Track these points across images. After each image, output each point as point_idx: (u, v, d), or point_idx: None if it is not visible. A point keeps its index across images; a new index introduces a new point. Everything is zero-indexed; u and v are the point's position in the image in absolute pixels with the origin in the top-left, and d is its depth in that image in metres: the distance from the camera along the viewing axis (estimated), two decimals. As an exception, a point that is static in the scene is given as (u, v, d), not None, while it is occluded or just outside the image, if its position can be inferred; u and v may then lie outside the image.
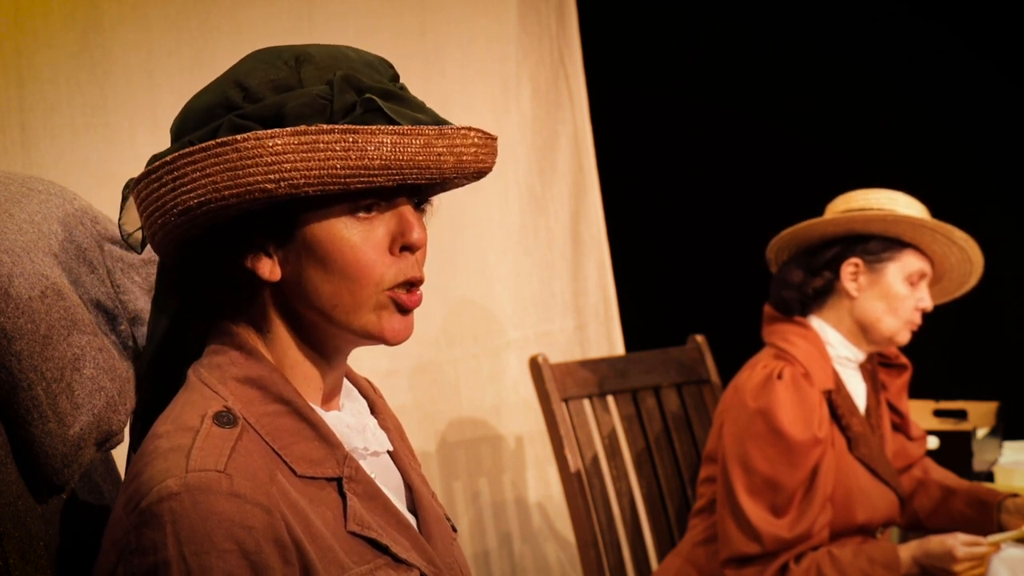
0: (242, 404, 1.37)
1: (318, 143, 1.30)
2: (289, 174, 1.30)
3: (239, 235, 1.36)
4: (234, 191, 1.31)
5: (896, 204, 2.76)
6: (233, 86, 1.38)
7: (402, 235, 1.39)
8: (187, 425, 1.33)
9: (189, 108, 1.41)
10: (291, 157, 1.30)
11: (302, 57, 1.38)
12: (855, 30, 4.12)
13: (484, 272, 3.49)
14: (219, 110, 1.37)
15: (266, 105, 1.34)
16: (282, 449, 1.36)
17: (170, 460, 1.30)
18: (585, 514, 2.92)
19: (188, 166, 1.32)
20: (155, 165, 1.35)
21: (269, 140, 1.30)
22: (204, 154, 1.31)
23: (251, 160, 1.30)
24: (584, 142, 3.76)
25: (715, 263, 4.22)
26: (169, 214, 1.34)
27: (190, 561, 1.26)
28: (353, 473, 1.40)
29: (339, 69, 1.36)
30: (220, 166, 1.31)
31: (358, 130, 1.31)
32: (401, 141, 1.32)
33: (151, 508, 1.28)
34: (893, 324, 2.74)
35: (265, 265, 1.38)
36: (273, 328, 1.41)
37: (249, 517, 1.28)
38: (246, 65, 1.40)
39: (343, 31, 3.15)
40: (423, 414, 3.35)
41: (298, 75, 1.37)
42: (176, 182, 1.33)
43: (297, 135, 1.30)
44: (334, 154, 1.31)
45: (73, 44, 2.71)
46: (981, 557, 2.57)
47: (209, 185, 1.31)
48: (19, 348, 1.38)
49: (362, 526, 1.38)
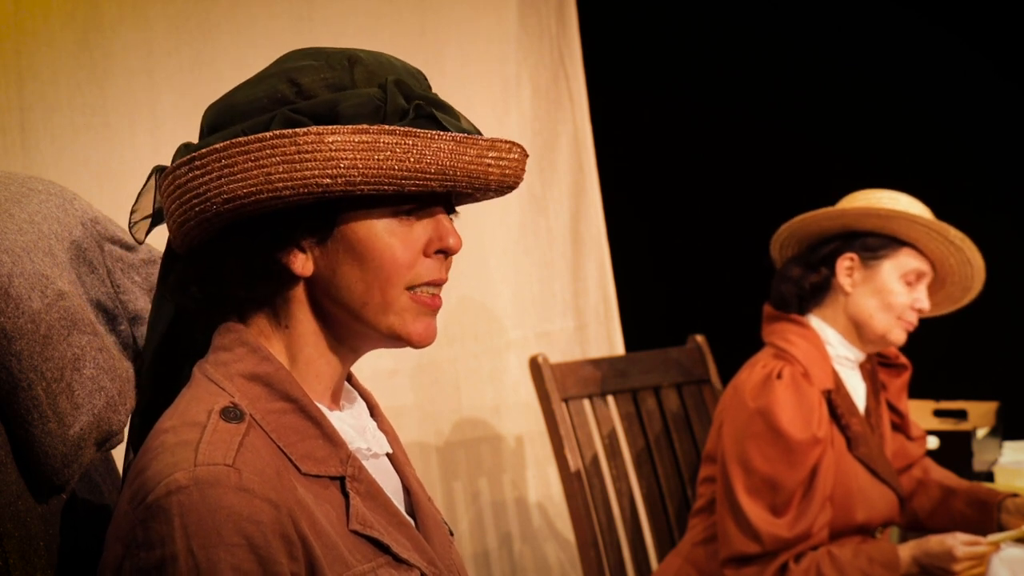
0: (248, 401, 1.37)
1: (378, 143, 1.32)
2: (347, 171, 1.32)
3: (278, 229, 1.37)
4: (289, 184, 1.32)
5: (898, 204, 2.76)
6: (284, 81, 1.38)
7: (439, 240, 1.42)
8: (194, 420, 1.33)
9: (231, 101, 1.40)
10: (349, 155, 1.32)
11: (353, 59, 1.39)
12: (856, 29, 4.12)
13: (484, 272, 3.49)
14: (269, 103, 1.37)
15: (320, 102, 1.36)
16: (287, 447, 1.36)
17: (177, 455, 1.30)
18: (585, 514, 2.92)
19: (241, 155, 1.32)
20: (202, 151, 1.34)
21: (329, 136, 1.31)
22: (260, 144, 1.32)
23: (309, 154, 1.31)
24: (584, 142, 3.76)
25: (715, 263, 4.22)
26: (211, 202, 1.34)
27: (198, 555, 1.26)
28: (356, 472, 1.40)
29: (388, 74, 1.39)
30: (276, 158, 1.31)
31: (419, 134, 1.34)
32: (457, 149, 1.35)
33: (159, 502, 1.27)
34: (885, 321, 2.74)
35: (298, 260, 1.39)
36: (293, 324, 1.42)
37: (258, 512, 1.28)
38: (295, 63, 1.40)
39: (343, 31, 3.15)
40: (423, 414, 3.35)
41: (351, 76, 1.38)
42: (224, 171, 1.33)
43: (358, 133, 1.32)
44: (393, 155, 1.33)
45: (73, 44, 2.71)
46: (981, 556, 2.57)
47: (262, 176, 1.32)
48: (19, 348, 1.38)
49: (364, 525, 1.39)
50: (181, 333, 1.46)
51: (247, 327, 1.42)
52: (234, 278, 1.39)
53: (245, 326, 1.42)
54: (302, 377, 1.42)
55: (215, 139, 1.36)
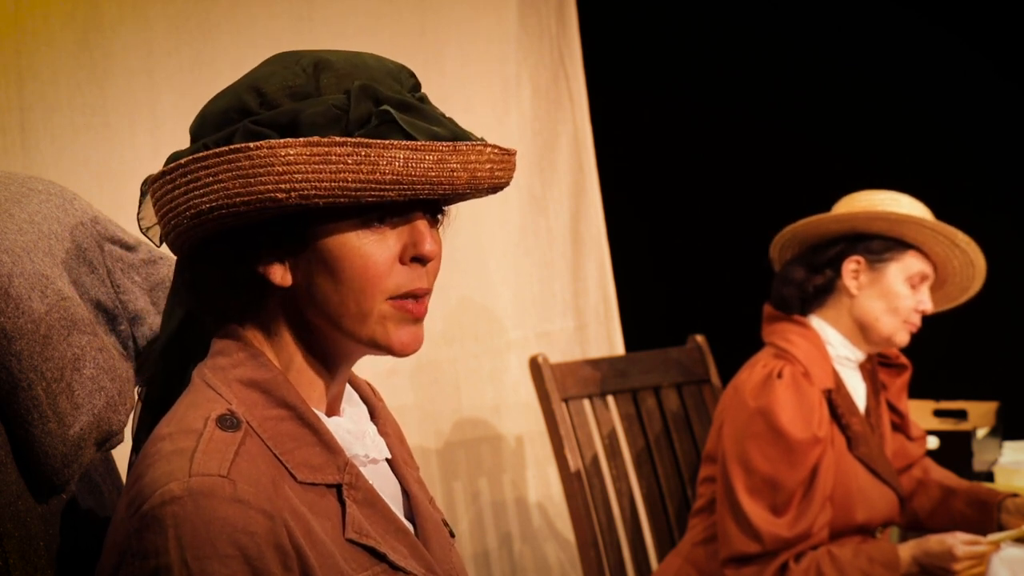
0: (245, 407, 1.36)
1: (330, 155, 1.30)
2: (300, 184, 1.30)
3: (251, 240, 1.36)
4: (245, 198, 1.31)
5: (900, 205, 2.76)
6: (250, 91, 1.37)
7: (414, 246, 1.39)
8: (190, 428, 1.33)
9: (207, 111, 1.40)
10: (303, 168, 1.30)
11: (321, 64, 1.37)
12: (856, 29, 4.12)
13: (484, 272, 3.49)
14: (235, 115, 1.36)
15: (282, 112, 1.34)
16: (283, 454, 1.36)
17: (173, 463, 1.29)
18: (585, 514, 2.92)
19: (201, 170, 1.32)
20: (170, 167, 1.35)
21: (281, 149, 1.30)
22: (217, 159, 1.31)
23: (263, 168, 1.30)
24: (584, 142, 3.76)
25: (715, 263, 4.22)
26: (182, 216, 1.34)
27: (192, 566, 1.25)
28: (353, 480, 1.40)
29: (358, 78, 1.36)
30: (232, 173, 1.31)
31: (371, 144, 1.31)
32: (414, 156, 1.32)
33: (153, 512, 1.27)
34: (891, 324, 2.74)
35: (276, 271, 1.38)
36: (281, 333, 1.41)
37: (252, 523, 1.28)
38: (265, 69, 1.39)
39: (343, 31, 3.15)
40: (423, 414, 3.35)
41: (316, 82, 1.36)
42: (189, 185, 1.33)
43: (310, 146, 1.30)
44: (346, 167, 1.30)
45: (73, 44, 2.71)
46: (981, 556, 2.57)
47: (221, 191, 1.31)
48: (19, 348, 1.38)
49: (360, 534, 1.38)
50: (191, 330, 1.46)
51: (245, 333, 1.42)
52: (217, 288, 1.39)
53: (244, 332, 1.42)
54: (297, 384, 1.41)
55: (186, 152, 1.37)
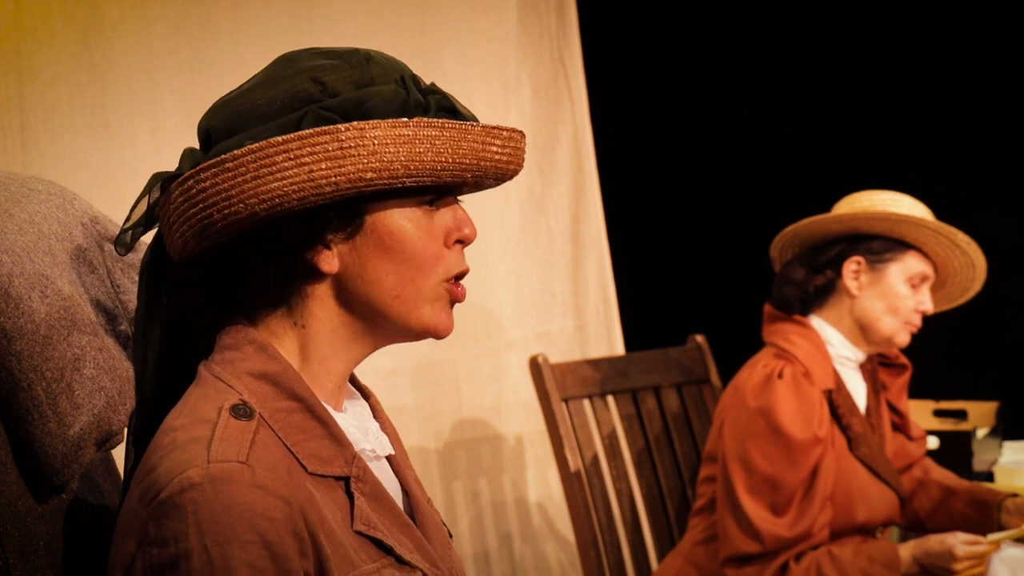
0: (256, 399, 1.37)
1: (418, 136, 1.34)
2: (390, 165, 1.34)
3: (308, 227, 1.37)
4: (332, 180, 1.33)
5: (900, 206, 2.76)
6: (308, 80, 1.38)
7: (458, 229, 1.43)
8: (204, 417, 1.33)
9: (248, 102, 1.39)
10: (392, 148, 1.33)
11: (368, 57, 1.41)
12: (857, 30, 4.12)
13: (484, 272, 3.49)
14: (294, 103, 1.37)
15: (347, 99, 1.37)
16: (294, 445, 1.36)
17: (189, 451, 1.30)
18: (585, 514, 2.92)
19: (280, 154, 1.32)
20: (235, 153, 1.33)
21: (371, 131, 1.33)
22: (300, 142, 1.32)
23: (352, 149, 1.33)
24: (584, 142, 3.76)
25: (715, 263, 4.22)
26: (244, 204, 1.33)
27: (212, 551, 1.25)
28: (361, 473, 1.41)
29: (398, 70, 1.41)
30: (318, 155, 1.32)
31: (455, 126, 1.37)
32: (487, 139, 1.39)
33: (172, 499, 1.27)
34: (892, 324, 2.75)
35: (325, 257, 1.39)
36: (311, 322, 1.41)
37: (271, 508, 1.28)
38: (311, 62, 1.40)
39: (343, 31, 3.15)
40: (423, 414, 3.35)
41: (370, 73, 1.40)
42: (263, 170, 1.32)
43: (398, 127, 1.34)
44: (432, 147, 1.35)
45: (73, 44, 2.71)
46: (981, 556, 2.57)
47: (303, 174, 1.32)
48: (19, 348, 1.38)
49: (368, 526, 1.39)
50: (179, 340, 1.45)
51: (255, 327, 1.41)
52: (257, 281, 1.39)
53: (253, 326, 1.41)
54: (312, 376, 1.42)
55: (236, 142, 1.35)
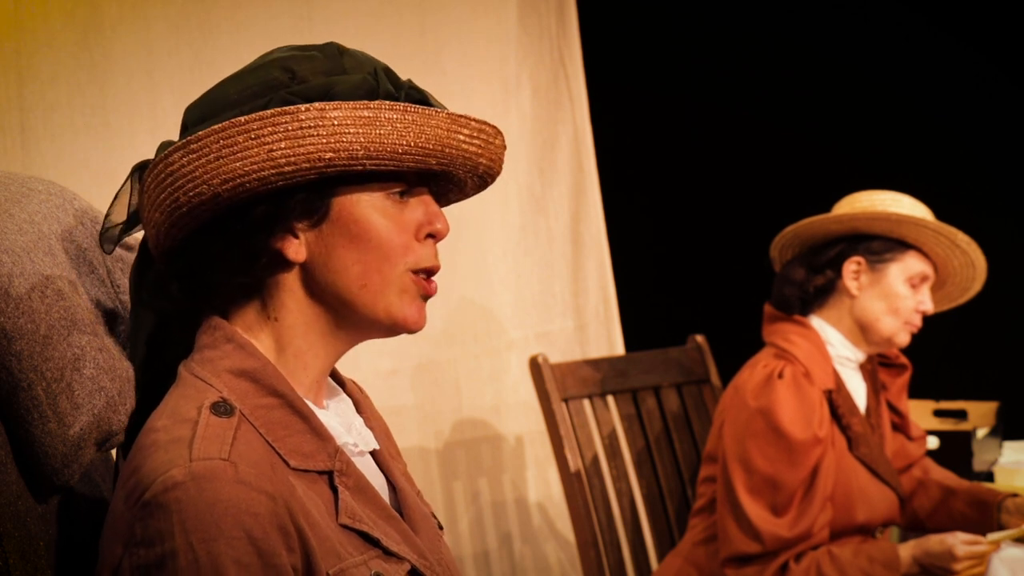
0: (236, 396, 1.37)
1: (379, 118, 1.33)
2: (350, 145, 1.33)
3: (273, 212, 1.36)
4: (291, 159, 1.32)
5: (901, 206, 2.76)
6: (278, 69, 1.39)
7: (429, 223, 1.43)
8: (185, 417, 1.33)
9: (218, 93, 1.40)
10: (352, 129, 1.32)
11: (342, 49, 1.41)
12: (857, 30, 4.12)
13: (484, 272, 3.49)
14: (264, 89, 1.37)
15: (315, 85, 1.37)
16: (275, 441, 1.36)
17: (171, 451, 1.30)
18: (585, 514, 2.92)
19: (241, 134, 1.32)
20: (198, 134, 1.33)
21: (331, 111, 1.32)
22: (261, 122, 1.32)
23: (311, 129, 1.32)
24: (584, 142, 3.76)
25: (715, 263, 4.22)
26: (208, 184, 1.33)
27: (198, 549, 1.25)
28: (344, 467, 1.41)
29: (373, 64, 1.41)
30: (278, 134, 1.32)
31: (419, 110, 1.35)
32: (454, 126, 1.37)
33: (156, 499, 1.27)
34: (892, 324, 2.75)
35: (292, 245, 1.38)
36: (283, 314, 1.41)
37: (255, 504, 1.28)
38: (283, 53, 1.41)
39: (343, 31, 3.15)
40: (423, 414, 3.35)
41: (342, 64, 1.40)
42: (224, 150, 1.32)
43: (360, 108, 1.33)
44: (394, 130, 1.34)
45: (73, 44, 2.71)
46: (981, 556, 2.57)
47: (263, 153, 1.32)
48: (19, 348, 1.39)
49: (353, 519, 1.39)
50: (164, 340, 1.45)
51: (231, 323, 1.41)
52: (224, 267, 1.38)
53: (228, 322, 1.41)
54: (289, 370, 1.42)
55: (204, 126, 1.36)
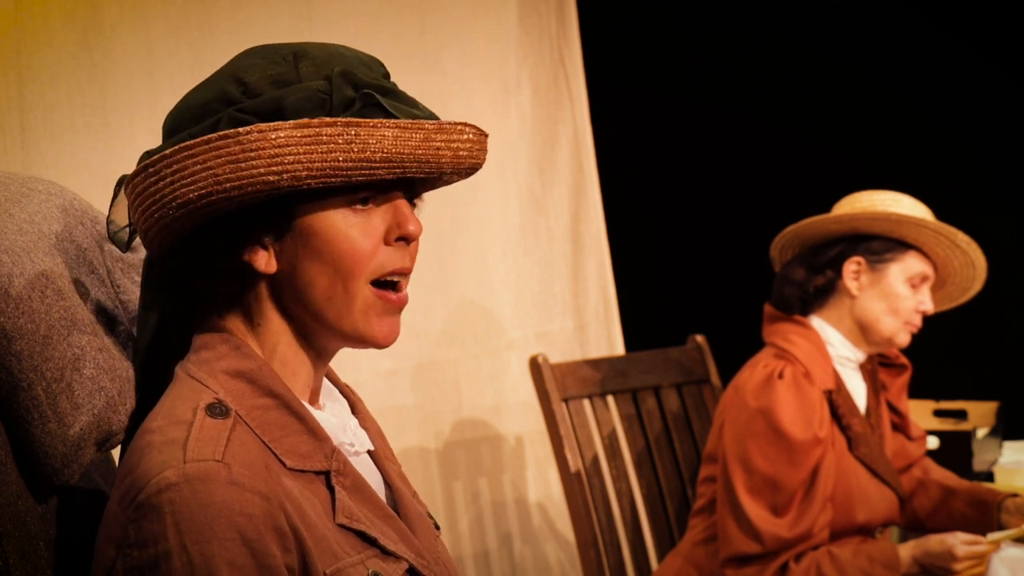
0: (232, 397, 1.37)
1: (321, 136, 1.32)
2: (292, 166, 1.31)
3: (237, 228, 1.36)
4: (236, 183, 1.31)
5: (901, 206, 2.76)
6: (231, 81, 1.38)
7: (398, 227, 1.41)
8: (180, 418, 1.34)
9: (184, 104, 1.41)
10: (294, 149, 1.31)
11: (299, 53, 1.39)
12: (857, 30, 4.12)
13: (484, 272, 3.49)
14: (217, 105, 1.37)
15: (265, 100, 1.36)
16: (272, 442, 1.36)
17: (166, 453, 1.30)
18: (585, 514, 2.92)
19: (188, 159, 1.32)
20: (153, 159, 1.35)
21: (272, 132, 1.31)
22: (205, 147, 1.32)
23: (254, 152, 1.31)
24: (584, 142, 3.76)
25: (715, 263, 4.22)
26: (167, 207, 1.34)
27: (192, 550, 1.25)
28: (341, 467, 1.41)
29: (335, 66, 1.38)
30: (222, 158, 1.31)
31: (360, 123, 1.33)
32: (402, 135, 1.34)
33: (149, 500, 1.27)
34: (892, 325, 2.75)
35: (261, 258, 1.39)
36: (264, 322, 1.42)
37: (249, 505, 1.28)
38: (243, 61, 1.41)
39: (343, 31, 3.15)
40: (423, 414, 3.34)
41: (296, 71, 1.38)
42: (176, 175, 1.33)
43: (300, 128, 1.31)
44: (336, 147, 1.32)
45: (73, 44, 2.71)
46: (981, 556, 2.57)
47: (210, 178, 1.31)
48: (19, 348, 1.39)
49: (350, 519, 1.39)
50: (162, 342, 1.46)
51: (227, 325, 1.42)
52: (201, 280, 1.39)
53: (225, 324, 1.42)
54: (281, 374, 1.42)
55: (167, 145, 1.37)
